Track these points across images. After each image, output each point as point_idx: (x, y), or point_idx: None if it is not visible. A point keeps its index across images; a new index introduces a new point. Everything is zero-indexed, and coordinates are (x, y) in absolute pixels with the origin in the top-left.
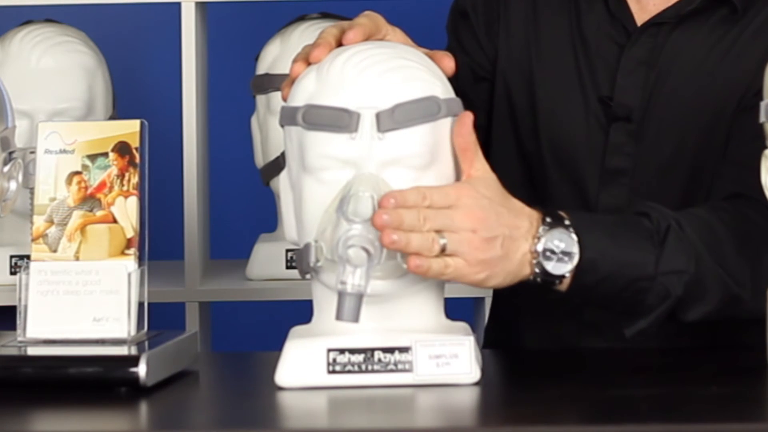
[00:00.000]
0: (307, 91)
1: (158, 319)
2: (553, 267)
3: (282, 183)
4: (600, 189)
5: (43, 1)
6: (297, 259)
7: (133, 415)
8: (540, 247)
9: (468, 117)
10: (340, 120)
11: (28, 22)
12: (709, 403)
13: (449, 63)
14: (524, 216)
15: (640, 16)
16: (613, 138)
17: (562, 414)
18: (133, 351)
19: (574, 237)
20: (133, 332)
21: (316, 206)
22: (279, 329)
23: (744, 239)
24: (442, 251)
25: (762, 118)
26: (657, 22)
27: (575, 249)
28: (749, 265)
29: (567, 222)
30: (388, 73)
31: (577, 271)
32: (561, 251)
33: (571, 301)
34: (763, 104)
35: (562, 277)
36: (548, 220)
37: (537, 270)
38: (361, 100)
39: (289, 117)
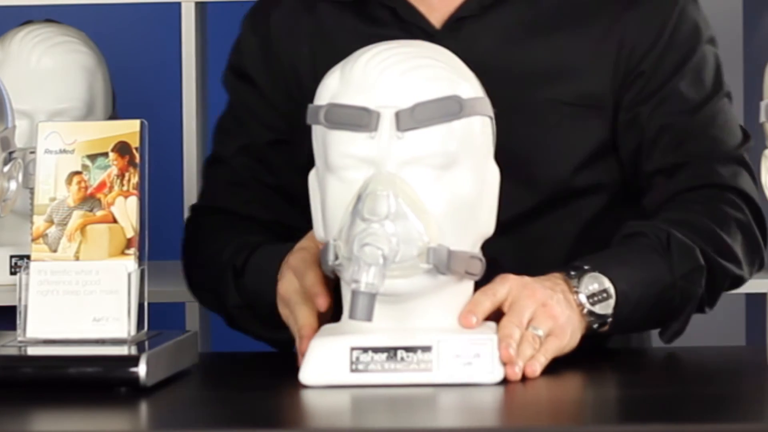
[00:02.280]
0: (330, 90)
1: (158, 319)
2: (600, 308)
3: (311, 181)
4: None
5: (43, 1)
6: (320, 257)
7: (133, 415)
8: (582, 298)
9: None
10: (360, 119)
11: (28, 22)
12: (709, 403)
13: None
14: (551, 277)
15: (432, 16)
16: None
17: (583, 414)
18: (133, 351)
19: (601, 276)
20: (133, 332)
21: (337, 205)
22: None
23: (724, 224)
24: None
25: (762, 118)
26: (460, 16)
27: (608, 284)
28: (738, 246)
29: (586, 267)
30: (410, 72)
31: (615, 306)
32: (599, 291)
33: (612, 335)
34: (763, 104)
35: (609, 316)
36: (572, 273)
37: (589, 318)
38: (381, 99)
39: (313, 116)
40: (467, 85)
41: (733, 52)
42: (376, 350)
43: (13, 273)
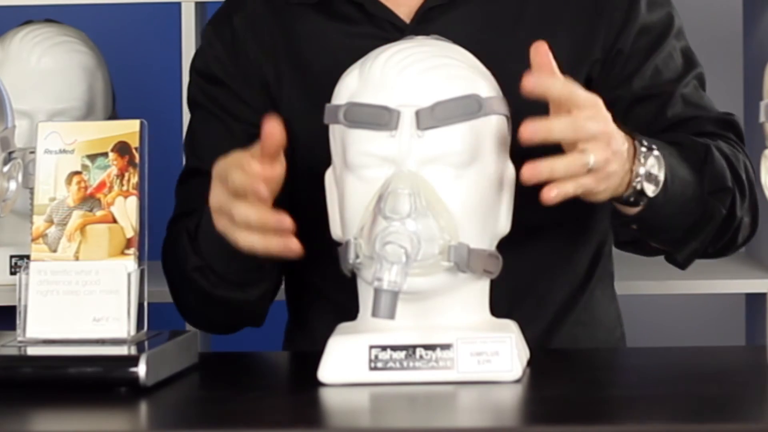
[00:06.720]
0: (349, 90)
1: (158, 319)
2: (648, 189)
3: (327, 180)
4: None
5: (43, 1)
6: (339, 256)
7: (133, 415)
8: (642, 170)
9: (542, 44)
10: (380, 118)
11: (28, 22)
12: (709, 403)
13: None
14: (626, 138)
15: (400, 9)
16: None
17: (583, 413)
18: (133, 351)
19: (663, 161)
20: (133, 332)
21: (356, 203)
22: (279, 329)
23: (741, 166)
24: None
25: (762, 118)
26: (428, 7)
27: (662, 173)
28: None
29: (653, 146)
30: (429, 71)
31: (655, 191)
32: (655, 174)
33: (633, 230)
34: (763, 104)
35: (647, 198)
36: (645, 143)
37: (635, 188)
38: (401, 98)
39: (331, 115)
40: (485, 83)
41: (733, 52)
42: (395, 348)
43: (13, 273)
